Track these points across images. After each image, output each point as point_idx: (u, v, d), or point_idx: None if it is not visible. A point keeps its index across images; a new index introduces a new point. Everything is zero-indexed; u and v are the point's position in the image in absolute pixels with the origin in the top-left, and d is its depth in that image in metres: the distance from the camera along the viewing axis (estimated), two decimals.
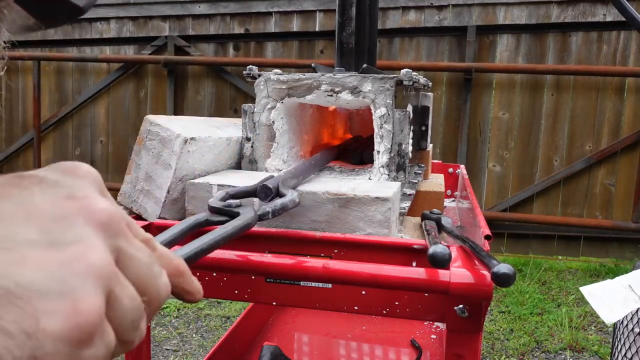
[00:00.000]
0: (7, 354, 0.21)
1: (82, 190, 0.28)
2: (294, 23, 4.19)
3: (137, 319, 0.28)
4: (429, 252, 0.59)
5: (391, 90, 1.00)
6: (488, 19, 3.90)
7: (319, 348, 1.57)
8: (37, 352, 0.22)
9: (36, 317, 0.22)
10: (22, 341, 0.22)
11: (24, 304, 0.22)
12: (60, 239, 0.25)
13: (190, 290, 0.35)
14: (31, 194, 0.26)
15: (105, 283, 0.25)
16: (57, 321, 0.23)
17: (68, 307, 0.23)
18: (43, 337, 0.22)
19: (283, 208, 0.72)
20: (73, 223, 0.26)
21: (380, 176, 1.01)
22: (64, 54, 4.52)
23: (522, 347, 2.72)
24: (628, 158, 3.81)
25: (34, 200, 0.26)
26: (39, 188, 0.26)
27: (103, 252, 0.26)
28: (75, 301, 0.24)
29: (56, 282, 0.23)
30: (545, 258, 3.96)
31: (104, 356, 0.26)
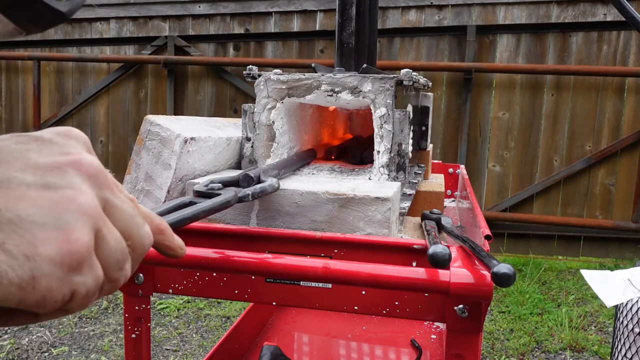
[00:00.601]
0: (11, 271, 0.26)
1: (73, 148, 0.32)
2: (294, 23, 4.19)
3: (122, 259, 0.32)
4: (429, 252, 0.59)
5: (391, 90, 1.00)
6: (488, 18, 3.90)
7: (319, 348, 1.57)
8: (35, 273, 0.26)
9: (34, 243, 0.27)
10: (22, 262, 0.26)
11: (24, 232, 0.27)
12: (54, 183, 0.29)
13: (171, 246, 0.39)
14: (28, 148, 0.30)
15: (93, 222, 0.29)
16: (52, 248, 0.27)
17: (61, 237, 0.27)
18: (40, 260, 0.27)
19: (262, 191, 0.78)
20: (65, 172, 0.30)
21: (380, 176, 1.01)
22: (64, 54, 4.52)
23: (522, 347, 2.72)
24: (628, 158, 3.81)
25: (30, 153, 0.30)
26: (35, 144, 0.30)
27: (91, 197, 0.30)
28: (67, 233, 0.28)
29: (51, 216, 0.28)
30: (545, 258, 3.96)
31: (93, 287, 0.30)
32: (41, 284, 0.27)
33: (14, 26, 0.33)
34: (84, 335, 2.79)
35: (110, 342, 2.73)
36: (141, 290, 0.84)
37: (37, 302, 0.27)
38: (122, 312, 3.03)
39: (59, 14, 0.34)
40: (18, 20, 0.33)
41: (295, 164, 1.05)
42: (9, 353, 2.58)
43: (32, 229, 0.27)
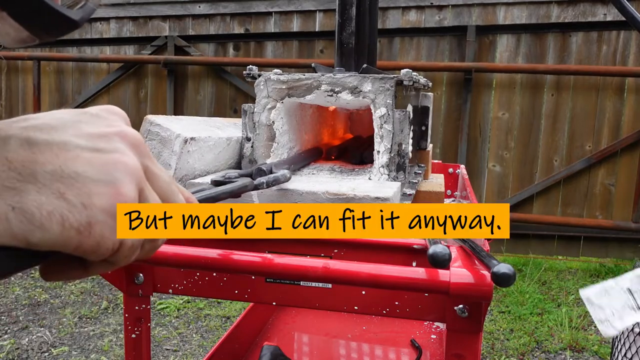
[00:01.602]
0: (71, 216, 0.30)
1: (116, 121, 0.36)
2: (294, 23, 4.19)
3: None
4: (429, 252, 0.59)
5: (391, 90, 1.00)
6: (488, 19, 3.90)
7: (319, 348, 1.57)
8: (91, 219, 0.30)
9: (90, 195, 0.31)
10: (80, 209, 0.30)
11: (81, 186, 0.30)
12: (103, 147, 0.33)
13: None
14: (80, 119, 0.34)
15: (137, 181, 0.33)
16: (105, 199, 0.31)
17: (112, 191, 0.31)
18: (95, 209, 0.31)
19: (276, 180, 0.83)
20: (112, 139, 0.34)
21: (380, 176, 1.01)
22: (64, 54, 4.52)
23: (522, 347, 2.72)
24: (628, 158, 3.81)
25: (81, 124, 0.33)
26: (85, 116, 0.34)
27: (135, 160, 0.34)
28: (117, 187, 0.32)
29: (103, 174, 0.31)
30: (545, 258, 3.96)
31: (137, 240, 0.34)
32: (96, 230, 0.31)
33: (27, 34, 0.34)
34: (84, 335, 2.79)
35: (110, 342, 2.73)
36: (141, 290, 0.84)
37: (92, 247, 0.31)
38: (122, 312, 3.03)
39: (71, 22, 0.35)
40: (32, 29, 0.34)
41: (303, 160, 1.08)
42: (9, 353, 2.58)
43: (88, 183, 0.31)
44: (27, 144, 0.30)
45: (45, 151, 0.31)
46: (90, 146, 0.32)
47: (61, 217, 0.29)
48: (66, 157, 0.31)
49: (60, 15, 0.34)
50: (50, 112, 0.34)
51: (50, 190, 0.30)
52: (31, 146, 0.30)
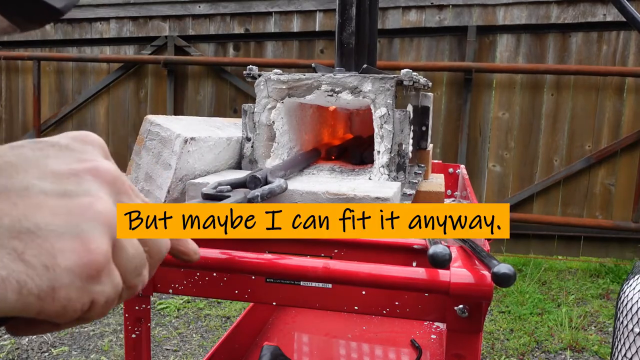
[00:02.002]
0: (30, 281, 0.25)
1: (90, 154, 0.32)
2: (294, 23, 4.19)
3: (140, 265, 0.32)
4: (429, 252, 0.59)
5: (391, 90, 1.00)
6: (488, 19, 3.90)
7: (319, 348, 1.57)
8: (54, 283, 0.26)
9: (53, 253, 0.26)
10: (41, 272, 0.26)
11: (43, 242, 0.26)
12: (71, 190, 0.29)
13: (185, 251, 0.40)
14: (46, 155, 0.30)
15: (111, 229, 0.29)
16: (71, 257, 0.27)
17: (80, 246, 0.27)
18: (59, 270, 0.26)
19: (271, 192, 0.78)
20: (83, 179, 0.30)
21: (381, 176, 1.01)
22: (64, 54, 4.52)
23: (522, 347, 2.72)
24: (628, 158, 3.81)
25: (48, 160, 0.30)
26: (52, 150, 0.30)
27: (109, 203, 0.30)
28: (86, 241, 0.28)
29: (69, 225, 0.27)
30: (545, 258, 3.96)
31: (112, 294, 0.30)
32: (61, 294, 0.27)
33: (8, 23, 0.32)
34: (84, 335, 2.79)
35: (110, 342, 2.73)
36: (141, 290, 0.84)
37: (57, 312, 0.27)
38: (122, 312, 3.03)
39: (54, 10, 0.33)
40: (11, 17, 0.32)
41: (301, 163, 1.06)
42: (9, 353, 2.58)
43: (51, 238, 0.27)
44: None
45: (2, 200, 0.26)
46: (56, 190, 0.28)
47: (18, 283, 0.25)
48: (26, 206, 0.27)
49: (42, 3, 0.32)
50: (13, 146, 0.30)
51: (5, 250, 0.25)
52: None
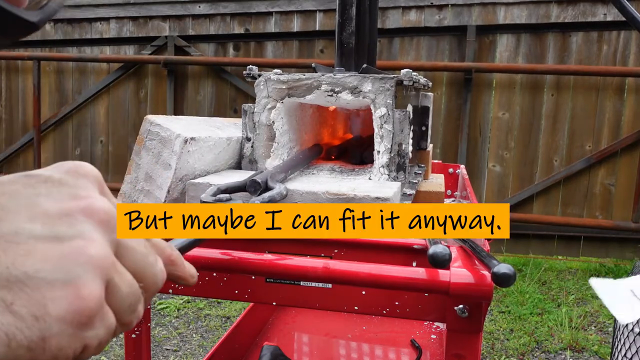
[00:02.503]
0: (19, 334, 0.25)
1: (84, 190, 0.31)
2: (294, 23, 4.19)
3: (135, 303, 0.32)
4: (429, 252, 0.59)
5: (391, 90, 1.00)
6: (488, 18, 3.90)
7: (319, 348, 1.57)
8: (45, 333, 0.25)
9: (44, 303, 0.26)
10: (31, 323, 0.25)
11: (32, 291, 0.25)
12: (63, 233, 0.28)
13: (182, 276, 0.39)
14: (37, 193, 0.29)
15: (104, 273, 0.29)
16: (62, 306, 0.26)
17: (71, 293, 0.26)
18: (50, 320, 0.26)
19: (271, 200, 0.76)
20: (75, 220, 0.29)
21: (380, 176, 1.01)
22: (64, 54, 4.52)
23: (522, 347, 2.72)
24: (628, 158, 3.81)
25: (39, 198, 0.28)
26: (44, 187, 0.29)
27: (102, 245, 0.29)
28: (77, 289, 0.27)
29: (60, 271, 0.26)
30: (545, 258, 3.96)
31: (105, 336, 0.29)
32: (52, 344, 0.26)
33: None
34: None
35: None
36: None
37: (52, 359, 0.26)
38: None
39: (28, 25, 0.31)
40: None
41: (301, 163, 1.05)
42: None
43: (41, 287, 0.26)
44: None
45: None
46: (47, 234, 0.27)
47: (7, 336, 0.24)
48: (16, 253, 0.26)
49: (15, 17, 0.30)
50: (3, 182, 0.29)
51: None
52: None
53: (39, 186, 0.29)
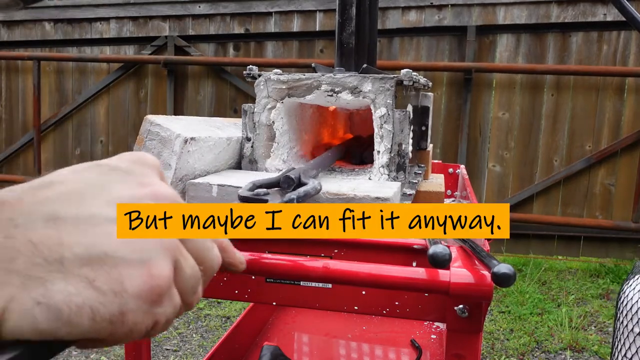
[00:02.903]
0: (102, 308, 0.27)
1: (148, 177, 0.34)
2: (294, 23, 4.19)
3: (196, 284, 0.35)
4: (429, 252, 0.59)
5: (391, 90, 1.00)
6: (488, 18, 3.90)
7: (319, 348, 1.57)
8: (123, 308, 0.28)
9: (121, 280, 0.28)
10: (112, 299, 0.28)
11: (110, 269, 0.28)
12: None
13: (233, 263, 0.42)
14: (110, 180, 0.32)
15: (172, 255, 0.32)
16: (137, 283, 0.29)
17: (145, 272, 0.29)
18: (127, 296, 0.28)
19: (306, 194, 0.79)
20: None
21: (380, 176, 1.01)
22: (64, 54, 4.52)
23: (522, 347, 2.72)
24: (628, 158, 3.81)
25: (112, 185, 0.31)
26: (115, 175, 0.32)
27: None
28: (150, 268, 0.29)
29: (135, 252, 0.29)
30: (545, 258, 3.96)
31: (172, 314, 0.32)
32: (129, 318, 0.28)
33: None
34: None
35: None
36: None
37: (125, 334, 0.29)
38: None
39: None
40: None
41: (330, 160, 1.08)
42: None
43: (118, 265, 0.28)
44: (52, 220, 0.28)
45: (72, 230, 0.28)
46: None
47: (91, 310, 0.27)
48: (94, 234, 0.28)
49: None
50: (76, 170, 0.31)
51: (78, 277, 0.27)
52: (57, 223, 0.28)
53: (110, 174, 0.32)
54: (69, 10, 4.51)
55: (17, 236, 0.27)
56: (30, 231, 0.27)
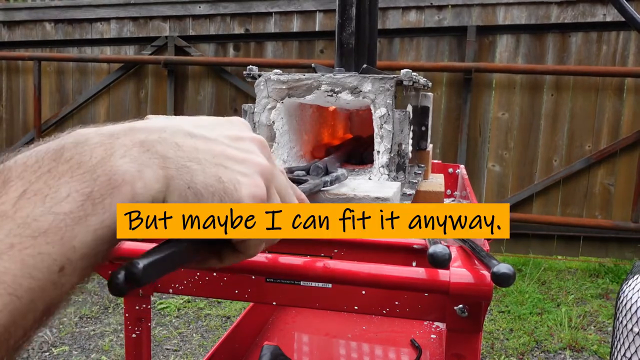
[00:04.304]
0: (226, 197, 0.37)
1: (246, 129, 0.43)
2: (294, 23, 4.19)
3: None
4: (429, 252, 0.59)
5: (391, 90, 1.00)
6: (488, 19, 3.90)
7: (319, 348, 1.57)
8: (239, 200, 0.37)
9: (238, 181, 0.38)
10: (232, 191, 0.37)
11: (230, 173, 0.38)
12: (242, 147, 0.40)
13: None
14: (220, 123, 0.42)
15: (267, 180, 0.40)
16: (247, 186, 0.38)
17: (251, 181, 0.39)
18: (242, 192, 0.38)
19: (337, 178, 0.90)
20: (247, 142, 0.41)
21: (380, 176, 1.01)
22: (65, 54, 4.52)
23: (521, 347, 2.72)
24: (627, 158, 3.81)
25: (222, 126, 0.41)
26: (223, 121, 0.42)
27: (266, 162, 0.41)
28: (255, 180, 0.39)
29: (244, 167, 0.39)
30: (544, 258, 3.97)
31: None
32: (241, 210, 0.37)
33: None
34: (85, 335, 2.79)
35: (110, 341, 2.73)
36: (141, 290, 0.84)
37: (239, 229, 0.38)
38: (122, 311, 3.03)
39: None
40: None
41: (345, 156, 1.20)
42: None
43: (234, 171, 0.38)
44: (189, 135, 0.37)
45: (203, 142, 0.38)
46: (233, 145, 0.40)
47: (219, 197, 0.36)
48: (217, 149, 0.38)
49: None
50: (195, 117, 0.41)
51: (210, 172, 0.36)
52: (193, 138, 0.38)
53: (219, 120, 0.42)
54: (70, 10, 4.51)
55: (167, 138, 0.36)
56: (175, 137, 0.36)
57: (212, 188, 0.36)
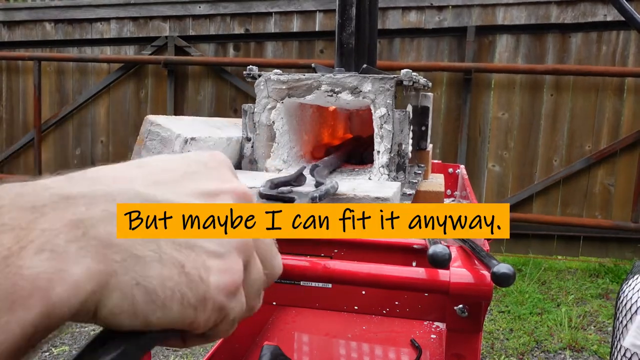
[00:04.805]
0: (189, 293, 0.28)
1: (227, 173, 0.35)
2: (294, 23, 4.19)
3: (260, 288, 0.35)
4: (429, 252, 0.59)
5: (391, 90, 1.00)
6: (488, 19, 3.90)
7: (319, 348, 1.57)
8: (206, 295, 0.29)
9: (205, 268, 0.29)
10: (197, 284, 0.28)
11: (197, 257, 0.29)
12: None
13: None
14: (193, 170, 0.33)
15: (246, 254, 0.32)
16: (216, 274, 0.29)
17: (224, 265, 0.30)
18: (209, 285, 0.29)
19: (327, 192, 0.84)
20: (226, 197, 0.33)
21: (380, 176, 1.01)
22: (65, 54, 4.52)
23: (521, 347, 2.72)
24: (627, 158, 3.81)
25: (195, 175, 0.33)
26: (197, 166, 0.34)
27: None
28: (228, 262, 0.30)
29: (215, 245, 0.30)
30: (544, 258, 3.97)
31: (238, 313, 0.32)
32: (208, 306, 0.29)
33: None
34: (85, 335, 2.79)
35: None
36: None
37: (204, 322, 0.29)
38: None
39: None
40: None
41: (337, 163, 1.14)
42: None
43: (202, 254, 0.29)
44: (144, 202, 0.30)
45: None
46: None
47: (181, 294, 0.28)
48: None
49: None
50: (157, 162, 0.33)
51: (170, 259, 0.28)
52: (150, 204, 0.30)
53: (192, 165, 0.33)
54: (70, 10, 4.51)
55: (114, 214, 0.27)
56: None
57: (171, 282, 0.27)
